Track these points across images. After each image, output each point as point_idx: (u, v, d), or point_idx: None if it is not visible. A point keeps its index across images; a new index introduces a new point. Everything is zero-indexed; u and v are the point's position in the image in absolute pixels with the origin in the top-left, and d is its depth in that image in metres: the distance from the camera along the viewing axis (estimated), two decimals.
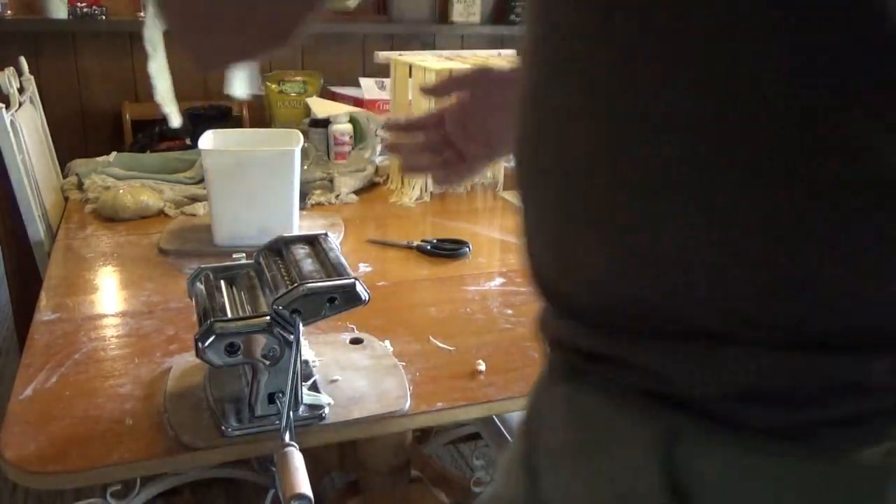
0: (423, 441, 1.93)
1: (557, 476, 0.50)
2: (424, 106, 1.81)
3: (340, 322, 1.14)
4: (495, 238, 1.65)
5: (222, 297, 0.87)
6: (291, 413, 0.83)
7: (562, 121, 0.44)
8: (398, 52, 1.93)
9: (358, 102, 2.24)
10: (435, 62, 1.85)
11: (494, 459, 1.57)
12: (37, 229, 1.56)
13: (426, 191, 1.87)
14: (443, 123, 0.85)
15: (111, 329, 1.13)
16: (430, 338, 1.14)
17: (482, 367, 1.06)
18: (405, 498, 1.58)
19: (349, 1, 2.59)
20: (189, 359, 1.01)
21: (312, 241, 0.96)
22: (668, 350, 0.42)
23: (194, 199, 1.70)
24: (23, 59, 1.94)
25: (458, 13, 2.72)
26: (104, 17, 2.32)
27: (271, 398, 0.86)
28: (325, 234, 0.96)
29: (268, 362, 0.83)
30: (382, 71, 2.03)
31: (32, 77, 1.98)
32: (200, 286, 0.90)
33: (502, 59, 2.02)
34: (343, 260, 0.90)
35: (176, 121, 0.75)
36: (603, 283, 0.44)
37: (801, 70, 0.36)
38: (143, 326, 1.14)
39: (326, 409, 0.91)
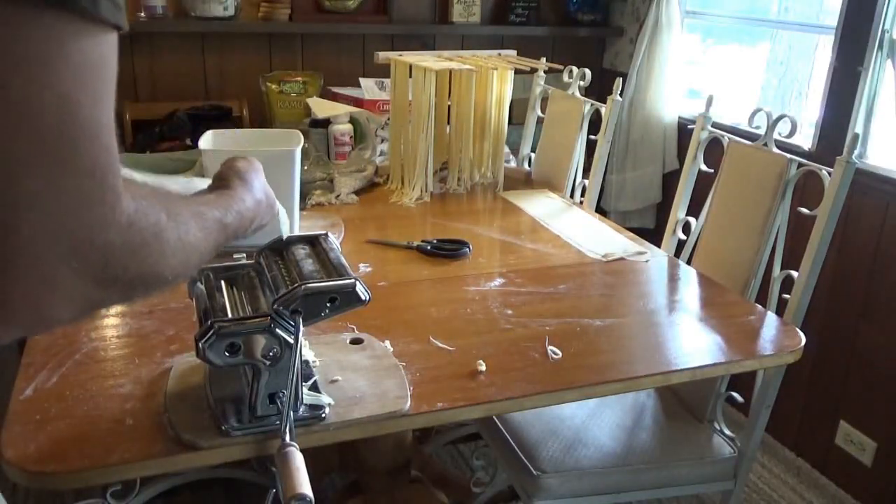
0: (423, 441, 1.93)
1: None
2: (424, 106, 1.81)
3: (340, 322, 1.14)
4: (495, 238, 1.64)
5: (223, 297, 0.87)
6: (292, 413, 0.83)
7: None
8: (398, 52, 1.93)
9: (358, 102, 2.24)
10: (435, 62, 1.85)
11: (494, 459, 1.57)
12: None
13: (426, 191, 1.87)
14: None
15: (111, 329, 1.13)
16: (431, 338, 1.14)
17: (482, 367, 1.06)
18: (405, 498, 1.58)
19: (349, 1, 2.59)
20: (189, 359, 1.00)
21: (313, 242, 0.95)
22: None
23: None
24: None
25: (458, 13, 2.72)
26: None
27: (271, 398, 0.86)
28: (326, 235, 0.96)
29: (268, 362, 0.83)
30: (382, 71, 2.03)
31: None
32: (201, 286, 0.90)
33: (501, 58, 2.02)
34: (343, 260, 0.90)
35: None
36: None
37: None
38: (143, 326, 1.14)
39: (327, 410, 0.91)
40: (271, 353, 0.82)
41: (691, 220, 1.68)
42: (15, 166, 0.41)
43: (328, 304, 0.85)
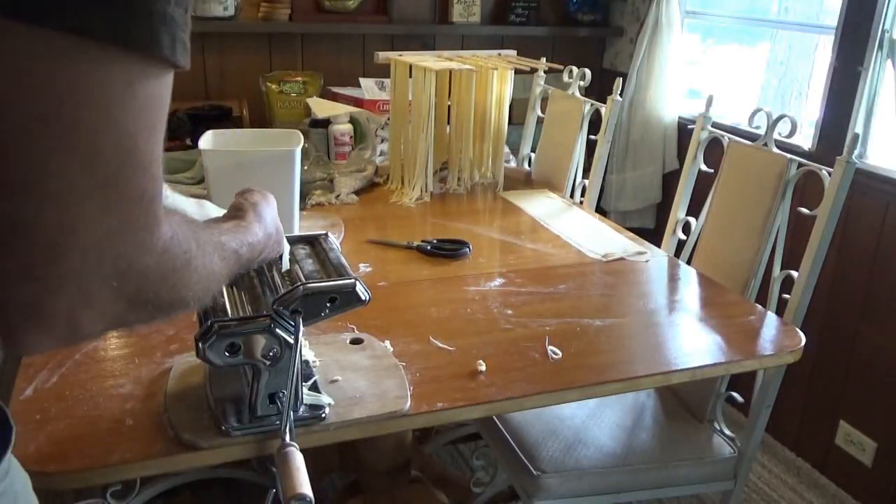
0: (423, 441, 1.93)
1: None
2: (424, 106, 1.81)
3: (340, 322, 1.14)
4: (495, 238, 1.64)
5: (223, 297, 0.87)
6: (292, 413, 0.83)
7: None
8: (398, 52, 1.93)
9: (358, 102, 2.24)
10: (435, 62, 1.85)
11: (494, 459, 1.57)
12: None
13: (426, 191, 1.87)
14: None
15: None
16: (431, 338, 1.14)
17: (482, 367, 1.06)
18: (405, 498, 1.58)
19: (349, 1, 2.59)
20: (189, 359, 1.00)
21: (313, 242, 0.96)
22: None
23: None
24: None
25: (458, 13, 2.72)
26: None
27: (271, 398, 0.86)
28: (326, 235, 0.96)
29: (268, 362, 0.83)
30: (382, 71, 2.03)
31: None
32: None
33: (501, 58, 2.02)
34: (343, 260, 0.90)
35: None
36: None
37: None
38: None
39: (327, 410, 0.91)
40: (271, 353, 0.82)
41: (691, 220, 1.68)
42: (73, 192, 0.43)
43: (328, 304, 0.85)
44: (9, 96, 0.40)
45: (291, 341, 0.82)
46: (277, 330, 0.81)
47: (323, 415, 0.90)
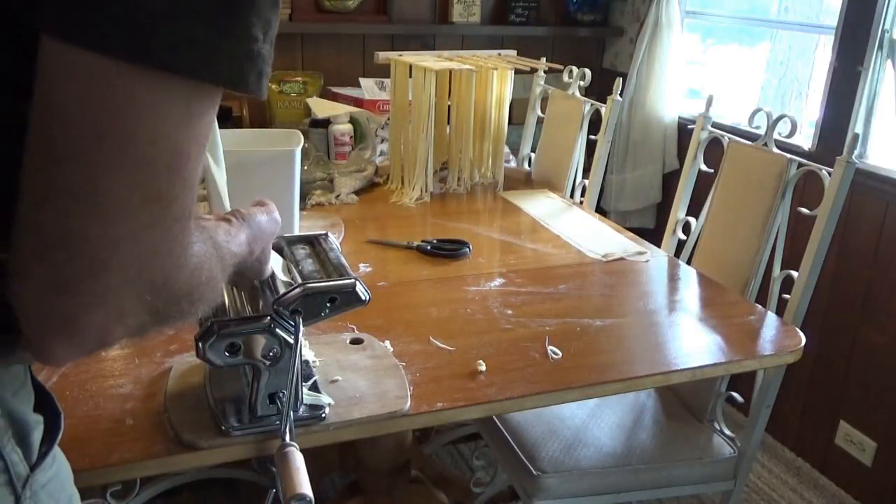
0: (423, 441, 1.93)
1: None
2: (424, 106, 1.81)
3: (340, 322, 1.14)
4: (495, 238, 1.64)
5: (223, 297, 0.87)
6: (292, 413, 0.83)
7: None
8: (398, 52, 1.93)
9: (358, 102, 2.24)
10: (435, 62, 1.85)
11: (494, 459, 1.57)
12: None
13: (426, 191, 1.87)
14: None
15: None
16: (431, 338, 1.14)
17: (482, 367, 1.06)
18: (405, 498, 1.58)
19: (349, 1, 2.59)
20: (189, 359, 1.00)
21: (313, 242, 0.95)
22: None
23: None
24: None
25: (458, 13, 2.72)
26: None
27: (272, 398, 0.86)
28: (326, 235, 0.96)
29: (268, 362, 0.83)
30: (382, 71, 2.03)
31: None
32: None
33: (501, 58, 2.02)
34: (343, 260, 0.90)
35: None
36: None
37: None
38: None
39: (327, 410, 0.91)
40: (271, 353, 0.82)
41: (691, 220, 1.68)
42: (123, 207, 0.43)
43: (328, 304, 0.84)
44: (79, 115, 0.41)
45: (291, 341, 0.82)
46: (277, 330, 0.81)
47: (323, 415, 0.90)
